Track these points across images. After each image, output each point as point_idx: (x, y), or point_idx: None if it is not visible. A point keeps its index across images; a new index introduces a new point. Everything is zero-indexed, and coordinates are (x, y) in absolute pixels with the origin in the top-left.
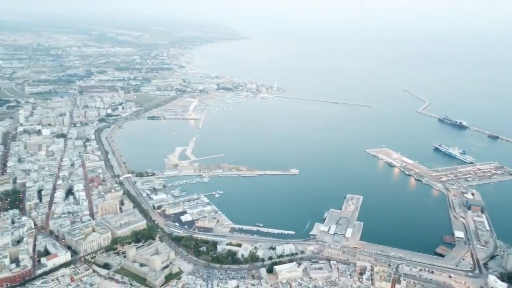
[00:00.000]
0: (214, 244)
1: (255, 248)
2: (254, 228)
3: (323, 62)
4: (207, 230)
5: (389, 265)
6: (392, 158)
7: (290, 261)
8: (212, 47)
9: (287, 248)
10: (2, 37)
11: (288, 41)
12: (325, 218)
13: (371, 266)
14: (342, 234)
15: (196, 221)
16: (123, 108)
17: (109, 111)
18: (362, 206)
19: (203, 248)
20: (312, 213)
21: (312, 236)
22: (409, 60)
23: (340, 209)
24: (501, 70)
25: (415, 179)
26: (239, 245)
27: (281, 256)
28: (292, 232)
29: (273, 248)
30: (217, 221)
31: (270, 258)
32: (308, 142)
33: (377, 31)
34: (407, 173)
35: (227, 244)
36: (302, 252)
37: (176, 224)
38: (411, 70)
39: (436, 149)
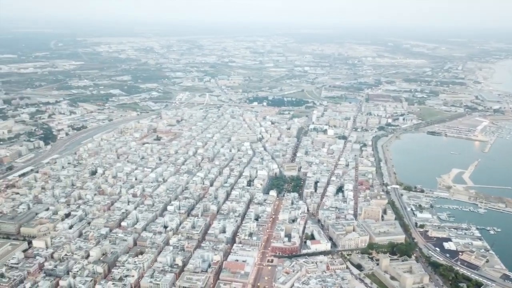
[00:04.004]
0: (478, 284)
1: None
2: None
3: None
4: (472, 266)
5: None
6: None
7: None
8: None
9: None
10: (313, 47)
11: None
12: None
13: None
14: None
15: (460, 253)
16: (404, 119)
17: (389, 120)
18: None
19: (463, 285)
20: None
21: None
22: None
23: None
24: None
25: None
26: None
27: None
28: None
29: None
30: (487, 261)
31: None
32: None
33: None
34: None
35: None
36: None
37: (437, 249)
38: None
39: None
